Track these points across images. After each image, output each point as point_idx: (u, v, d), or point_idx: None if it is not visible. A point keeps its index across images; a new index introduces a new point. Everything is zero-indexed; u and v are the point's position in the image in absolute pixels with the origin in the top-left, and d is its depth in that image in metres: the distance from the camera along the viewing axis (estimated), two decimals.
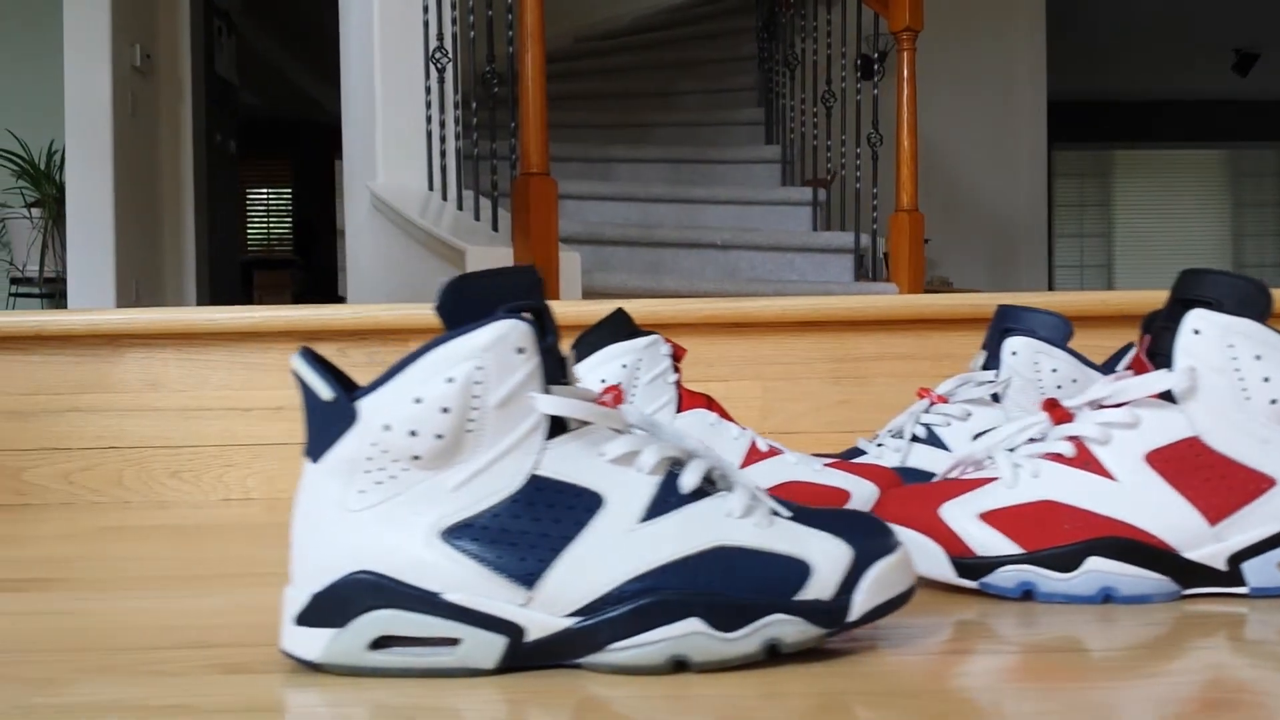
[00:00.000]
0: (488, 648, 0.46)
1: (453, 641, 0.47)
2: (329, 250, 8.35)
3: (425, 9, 2.84)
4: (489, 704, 0.45)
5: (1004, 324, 0.84)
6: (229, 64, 5.04)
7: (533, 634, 0.46)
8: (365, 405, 0.47)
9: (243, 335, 1.13)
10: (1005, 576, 0.59)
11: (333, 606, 0.47)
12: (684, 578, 0.46)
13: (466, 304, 0.47)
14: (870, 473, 0.74)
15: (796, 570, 0.47)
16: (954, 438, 0.82)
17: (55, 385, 1.12)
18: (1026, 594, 0.59)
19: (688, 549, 0.46)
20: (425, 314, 1.13)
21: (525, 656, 0.47)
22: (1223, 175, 8.03)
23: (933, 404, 0.85)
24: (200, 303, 4.58)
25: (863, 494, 0.73)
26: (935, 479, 0.68)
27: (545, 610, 0.46)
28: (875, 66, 3.35)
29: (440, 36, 2.71)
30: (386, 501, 0.47)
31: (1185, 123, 7.85)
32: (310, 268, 8.13)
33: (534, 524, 0.46)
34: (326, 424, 0.48)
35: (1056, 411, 0.63)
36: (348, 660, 0.47)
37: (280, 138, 8.19)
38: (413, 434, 0.46)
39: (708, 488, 0.48)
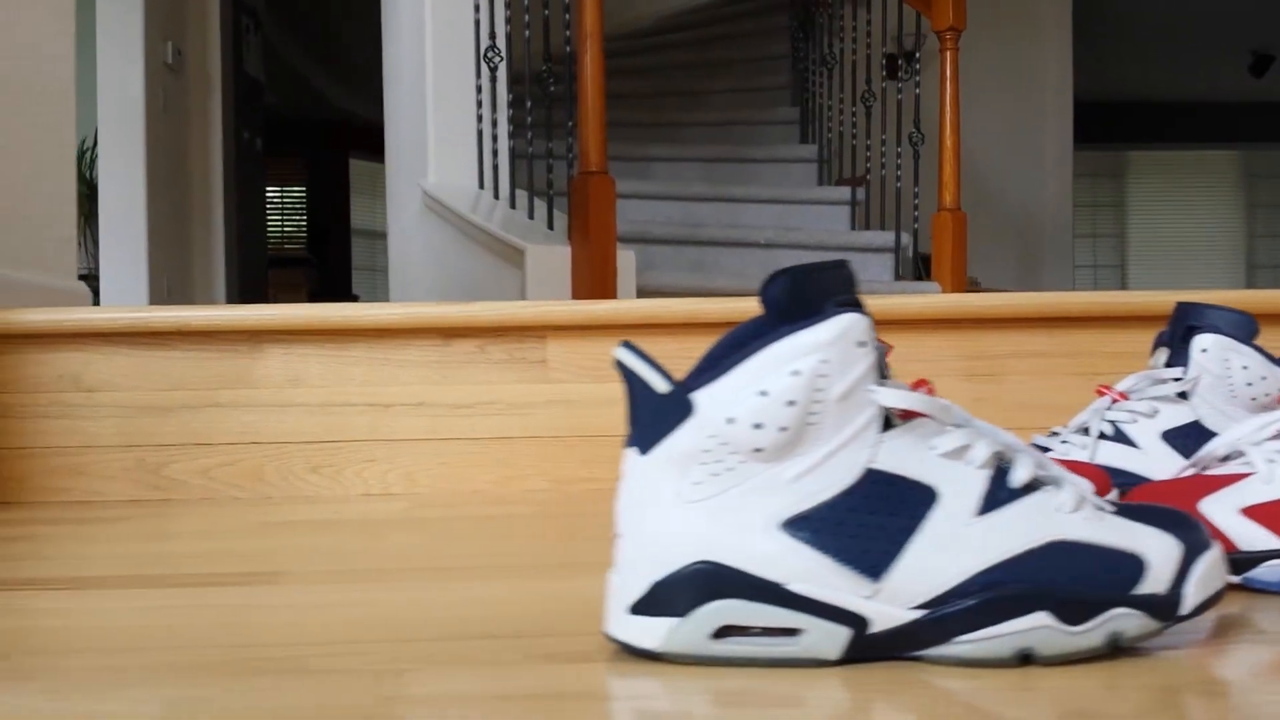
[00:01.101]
0: (832, 639, 0.47)
1: (793, 632, 0.47)
2: (342, 249, 8.34)
3: (476, 8, 2.84)
4: (832, 694, 0.46)
5: (1187, 321, 0.84)
6: (256, 61, 5.04)
7: (877, 625, 0.47)
8: (702, 398, 0.48)
9: (383, 332, 1.14)
10: (1271, 571, 0.59)
11: (673, 596, 0.47)
12: (1027, 572, 0.46)
13: (798, 298, 0.48)
14: (1085, 470, 0.74)
15: (1132, 564, 0.47)
16: (1142, 435, 0.83)
17: (196, 381, 1.12)
18: None
19: (1027, 543, 0.47)
20: (562, 311, 1.14)
21: (867, 648, 0.47)
22: (1236, 176, 8.05)
23: (1115, 401, 0.85)
24: (229, 300, 4.57)
25: None
26: (1177, 475, 0.69)
27: (891, 602, 0.47)
28: (903, 64, 3.37)
29: (493, 35, 2.72)
30: (724, 493, 0.48)
31: (1200, 124, 7.87)
32: (324, 266, 8.12)
33: (872, 517, 0.47)
34: (660, 417, 0.48)
35: None
36: (689, 649, 0.47)
37: (294, 136, 8.18)
38: (757, 426, 0.47)
39: (1034, 482, 0.49)
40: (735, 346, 0.52)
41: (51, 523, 0.96)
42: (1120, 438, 0.83)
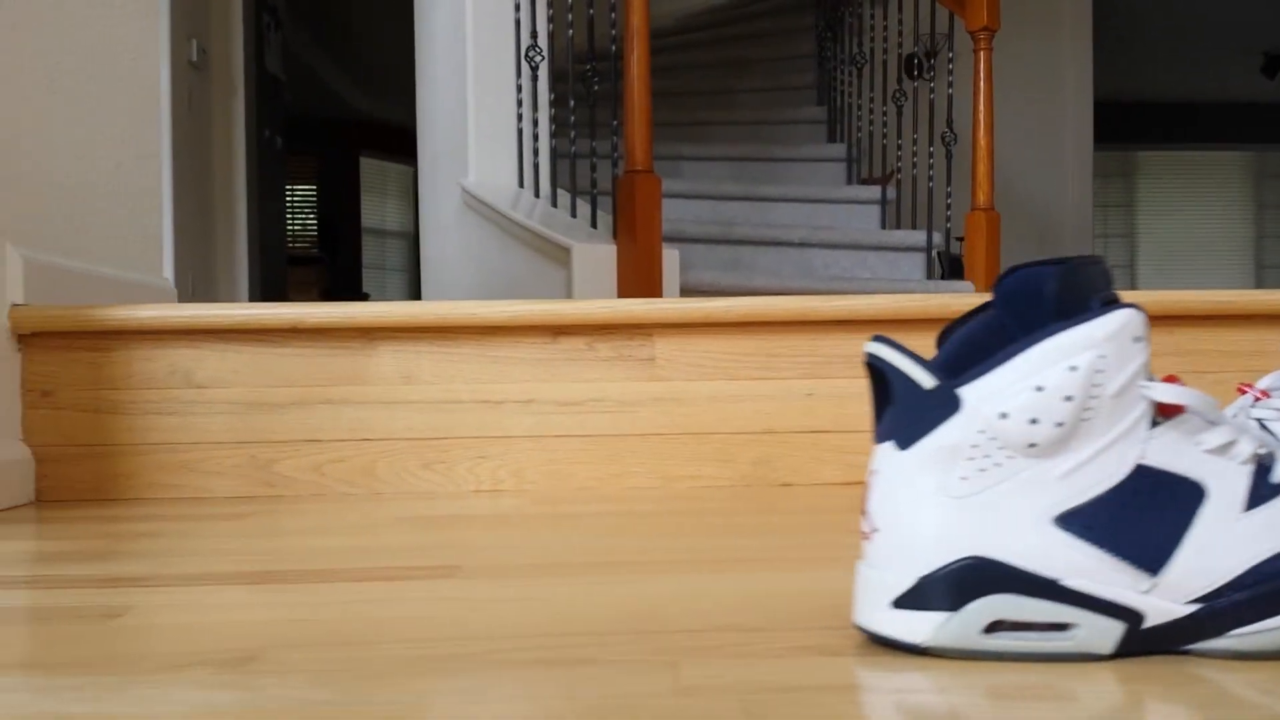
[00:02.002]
0: (1105, 633, 0.47)
1: (1065, 626, 0.47)
2: (352, 248, 8.34)
3: (517, 7, 2.84)
4: (1105, 688, 0.46)
5: None
6: (277, 60, 5.03)
7: (1151, 620, 0.47)
8: (970, 393, 0.48)
9: (493, 329, 1.14)
10: None
11: (942, 591, 0.47)
12: None
13: (1071, 293, 0.48)
14: None
15: None
16: None
17: (308, 378, 1.12)
18: None
19: None
20: (671, 308, 1.14)
21: (1139, 642, 0.47)
22: (1246, 177, 8.07)
23: (1257, 399, 0.85)
24: (252, 298, 4.57)
25: None
26: None
27: (1167, 597, 0.47)
28: (924, 64, 3.38)
29: (534, 34, 2.72)
30: (992, 488, 0.48)
31: (1209, 124, 7.89)
32: (334, 265, 8.12)
33: (1143, 513, 0.47)
34: (923, 412, 0.48)
35: None
36: (959, 644, 0.47)
37: (304, 134, 8.17)
38: (1033, 422, 0.47)
39: None
40: (973, 342, 0.52)
41: (175, 519, 0.96)
42: (1266, 434, 0.83)
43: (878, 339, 0.50)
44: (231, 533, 0.88)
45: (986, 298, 1.15)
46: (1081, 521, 0.47)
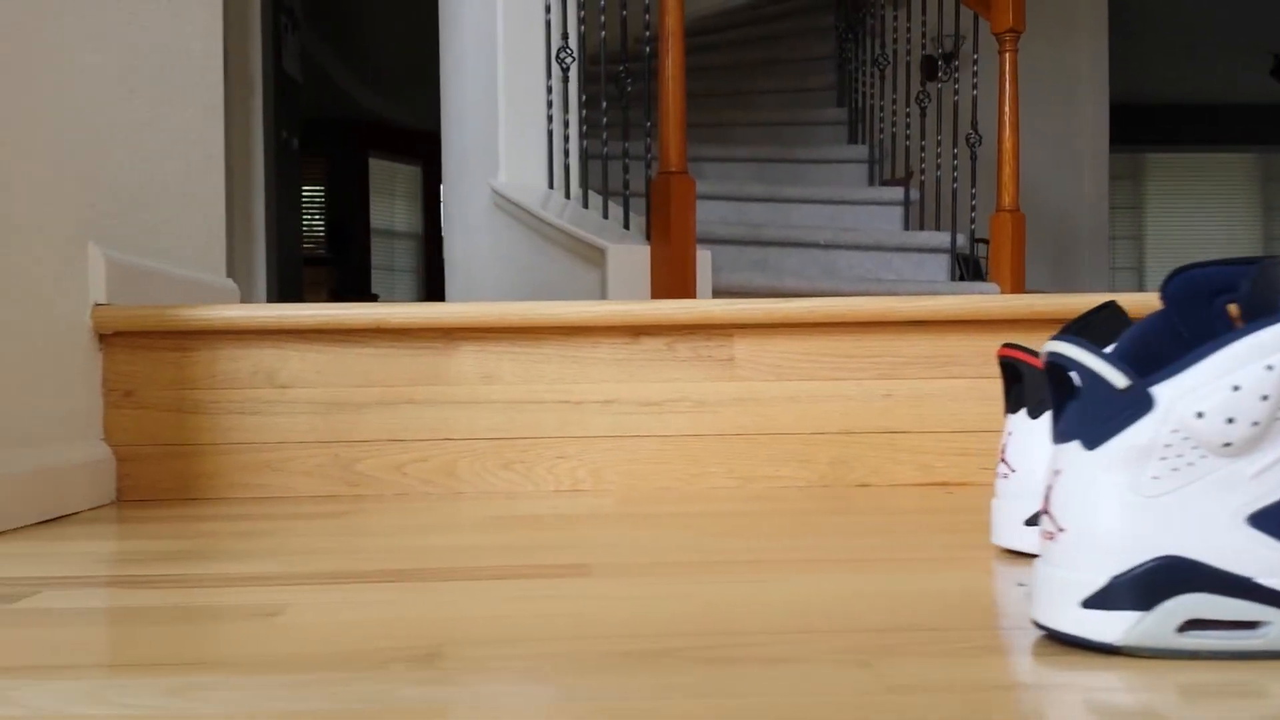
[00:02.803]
0: None
1: (1255, 624, 0.47)
2: (361, 249, 8.33)
3: (547, 8, 2.85)
4: None
5: None
6: (295, 61, 5.03)
7: None
8: (1164, 392, 0.48)
9: (573, 330, 1.14)
10: None
11: (1135, 591, 0.48)
12: None
13: (1260, 294, 0.48)
14: None
15: None
16: None
17: (390, 378, 1.12)
18: None
19: None
20: (751, 309, 1.14)
21: None
22: (1254, 179, 8.09)
23: None
24: (269, 299, 4.56)
25: None
26: None
27: None
28: (942, 65, 3.39)
29: (565, 35, 2.72)
30: (1184, 487, 0.48)
31: (1218, 126, 7.91)
32: (344, 266, 8.11)
33: None
34: (1114, 411, 0.48)
35: None
36: (1153, 643, 0.48)
37: (313, 135, 8.16)
38: (1229, 421, 0.47)
39: None
40: (1143, 342, 0.52)
41: (267, 518, 0.96)
42: None
43: (1063, 337, 0.50)
44: (336, 531, 0.88)
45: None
46: (1275, 520, 0.47)
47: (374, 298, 8.24)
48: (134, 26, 1.19)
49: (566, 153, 2.75)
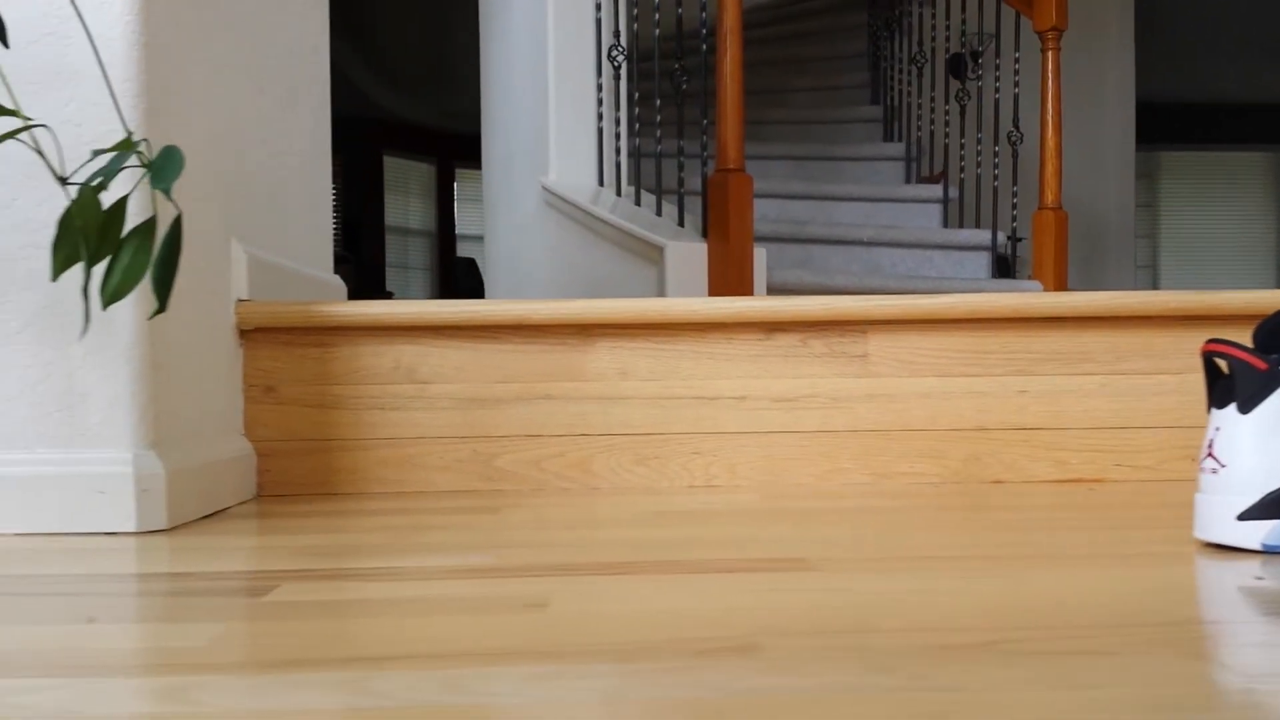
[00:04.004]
0: None
1: None
2: (376, 246, 8.33)
3: (598, 6, 2.85)
4: None
5: None
6: None
7: None
8: None
9: (708, 326, 1.14)
10: None
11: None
12: None
13: None
14: None
15: None
16: None
17: (528, 374, 1.13)
18: None
19: None
20: (886, 305, 1.14)
21: None
22: (1269, 177, 8.10)
23: None
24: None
25: None
26: None
27: None
28: (966, 62, 3.40)
29: (616, 33, 2.73)
30: None
31: (1232, 125, 7.92)
32: (359, 263, 8.11)
33: None
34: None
35: None
36: None
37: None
38: None
39: None
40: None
41: (424, 512, 0.96)
42: None
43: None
44: (505, 525, 0.88)
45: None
46: None
47: (389, 295, 8.24)
48: (265, 23, 1.19)
49: (618, 150, 2.76)
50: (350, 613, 0.58)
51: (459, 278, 8.12)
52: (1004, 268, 3.55)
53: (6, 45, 0.66)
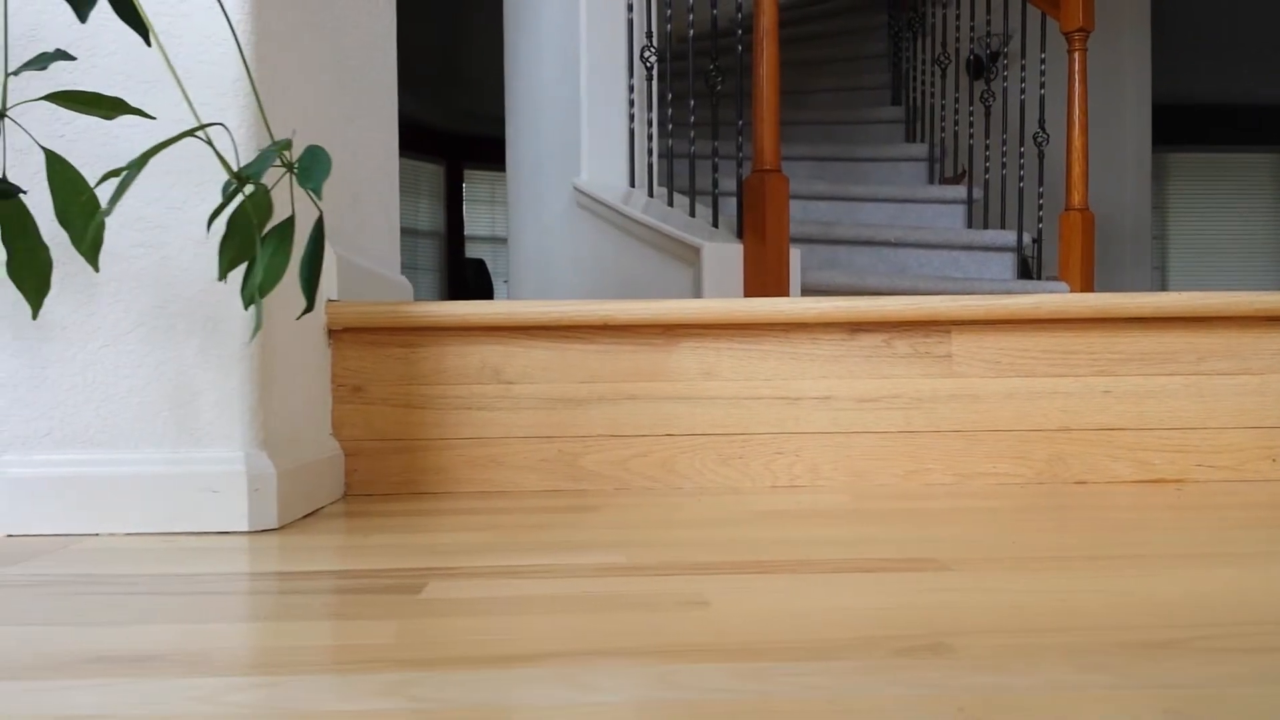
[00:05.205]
0: None
1: None
2: None
3: (630, 8, 2.85)
4: None
5: None
6: None
7: None
8: None
9: (792, 326, 1.14)
10: None
11: None
12: None
13: None
14: None
15: None
16: None
17: (612, 374, 1.13)
18: None
19: None
20: (970, 305, 1.15)
21: None
22: (1276, 179, 8.12)
23: None
24: None
25: None
26: None
27: None
28: (984, 63, 3.41)
29: (649, 34, 2.73)
30: None
31: (1240, 126, 7.94)
32: None
33: None
34: None
35: None
36: None
37: None
38: None
39: None
40: None
41: (515, 511, 0.96)
42: None
43: None
44: (618, 524, 0.88)
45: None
46: None
47: None
48: (345, 21, 1.19)
49: (650, 151, 2.76)
50: (516, 609, 0.58)
51: (470, 279, 8.13)
52: (1025, 268, 3.56)
53: (148, 43, 0.66)
